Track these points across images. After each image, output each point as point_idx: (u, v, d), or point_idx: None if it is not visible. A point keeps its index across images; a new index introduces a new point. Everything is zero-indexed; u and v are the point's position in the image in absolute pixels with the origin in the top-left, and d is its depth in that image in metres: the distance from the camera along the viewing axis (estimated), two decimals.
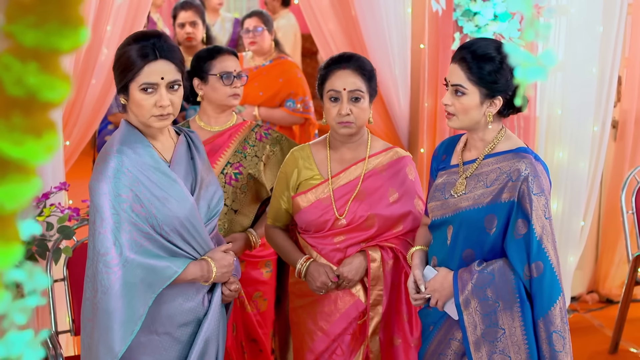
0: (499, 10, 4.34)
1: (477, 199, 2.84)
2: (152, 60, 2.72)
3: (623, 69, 5.27)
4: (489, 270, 2.80)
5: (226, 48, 3.64)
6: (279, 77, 5.32)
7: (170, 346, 2.84)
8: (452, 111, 2.85)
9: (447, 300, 2.90)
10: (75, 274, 3.71)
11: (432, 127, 4.62)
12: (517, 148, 2.86)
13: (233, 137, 3.58)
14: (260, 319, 3.71)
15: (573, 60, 4.85)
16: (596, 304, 5.52)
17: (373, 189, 3.20)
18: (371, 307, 3.19)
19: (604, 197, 5.52)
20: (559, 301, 2.78)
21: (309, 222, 3.22)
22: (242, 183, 3.54)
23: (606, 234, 5.51)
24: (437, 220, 2.96)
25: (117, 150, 2.74)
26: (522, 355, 2.80)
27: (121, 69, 2.75)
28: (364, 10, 4.50)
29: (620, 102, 5.34)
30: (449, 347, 2.95)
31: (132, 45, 2.74)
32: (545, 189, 2.78)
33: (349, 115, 3.11)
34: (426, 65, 4.56)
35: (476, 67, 2.78)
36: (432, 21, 4.52)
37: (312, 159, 3.27)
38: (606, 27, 4.87)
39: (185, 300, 2.84)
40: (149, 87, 2.71)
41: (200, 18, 5.64)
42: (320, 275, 3.15)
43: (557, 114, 4.91)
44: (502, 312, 2.79)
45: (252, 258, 3.65)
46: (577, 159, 4.95)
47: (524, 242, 2.75)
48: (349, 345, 3.23)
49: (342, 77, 3.12)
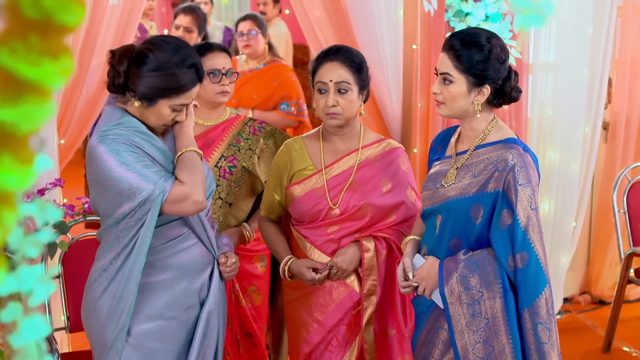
0: (491, 11, 4.38)
1: (464, 188, 2.85)
2: (194, 87, 2.82)
3: (613, 71, 5.33)
4: (473, 259, 2.81)
5: (217, 44, 3.63)
6: (273, 80, 5.35)
7: (178, 331, 2.88)
8: (440, 99, 2.87)
9: (433, 289, 2.91)
10: (70, 271, 3.72)
11: (424, 128, 4.65)
12: (507, 139, 2.87)
13: (227, 130, 3.59)
14: (255, 314, 3.71)
15: (564, 61, 4.91)
16: (589, 305, 5.55)
17: (366, 179, 3.23)
18: (365, 297, 3.21)
19: (595, 198, 5.56)
20: (544, 292, 2.77)
21: (303, 212, 3.24)
22: (237, 176, 3.55)
23: (598, 234, 5.55)
24: (428, 209, 2.98)
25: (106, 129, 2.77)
26: (505, 345, 2.79)
27: (157, 84, 2.75)
28: (356, 12, 4.53)
29: (611, 104, 5.39)
30: (438, 336, 2.96)
31: (173, 64, 2.75)
32: (533, 180, 2.78)
33: (336, 107, 3.14)
34: (419, 66, 4.59)
35: (464, 55, 2.80)
36: (424, 22, 4.56)
37: (306, 150, 3.30)
38: (596, 28, 4.93)
39: (191, 282, 2.89)
40: (180, 108, 2.82)
41: (196, 26, 5.69)
42: (304, 274, 3.18)
43: (548, 115, 4.96)
44: (486, 302, 2.79)
45: (247, 252, 3.66)
46: (569, 160, 4.99)
47: (509, 232, 2.75)
48: (344, 336, 3.24)
49: (330, 69, 3.15)
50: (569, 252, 5.14)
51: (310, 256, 3.23)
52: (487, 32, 2.87)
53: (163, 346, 2.85)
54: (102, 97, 4.11)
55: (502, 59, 2.81)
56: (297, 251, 3.29)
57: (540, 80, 4.92)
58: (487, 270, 2.78)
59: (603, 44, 4.96)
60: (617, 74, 5.35)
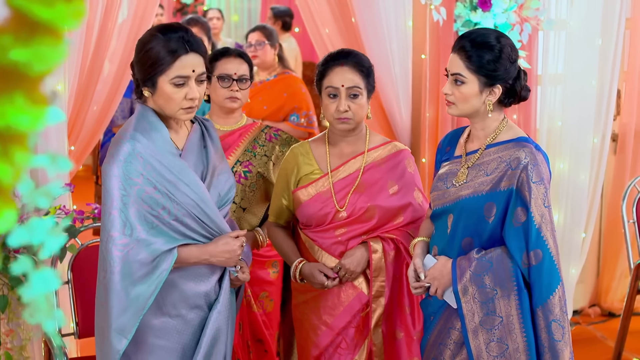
0: (499, 21, 4.40)
1: (477, 187, 2.86)
2: (183, 53, 2.74)
3: (622, 83, 5.33)
4: (487, 257, 2.81)
5: (235, 50, 3.65)
6: (283, 92, 5.38)
7: (183, 329, 2.86)
8: (452, 100, 2.88)
9: (446, 288, 2.91)
10: (80, 277, 3.72)
11: (433, 138, 4.65)
12: (518, 137, 2.88)
13: (243, 136, 3.62)
14: (266, 320, 3.72)
15: (573, 72, 4.91)
16: (598, 317, 5.52)
17: (372, 181, 3.23)
18: (374, 298, 3.20)
19: (604, 210, 5.54)
20: (558, 290, 2.78)
21: (310, 215, 3.25)
22: (252, 181, 3.57)
23: (607, 247, 5.53)
24: (439, 209, 2.98)
25: (131, 135, 2.77)
26: (519, 343, 2.79)
27: (150, 62, 2.74)
28: (365, 22, 4.55)
29: (620, 116, 5.39)
30: (449, 336, 2.95)
31: (160, 39, 2.75)
32: (545, 177, 2.79)
33: (347, 112, 3.15)
34: (427, 76, 4.61)
35: (475, 55, 2.81)
36: (433, 32, 4.58)
37: (312, 154, 3.31)
38: (605, 40, 4.93)
39: (198, 284, 2.87)
40: (181, 81, 2.75)
41: (205, 35, 5.72)
42: (315, 277, 3.18)
43: (557, 126, 4.96)
44: (500, 300, 2.80)
45: (259, 257, 3.67)
46: (578, 171, 4.99)
47: (523, 230, 2.76)
48: (353, 338, 3.23)
49: (340, 73, 3.16)
50: (578, 264, 5.12)
51: (318, 259, 3.24)
52: (497, 32, 2.89)
53: (166, 343, 2.84)
54: (112, 104, 4.13)
55: (512, 58, 2.83)
56: (305, 255, 3.30)
57: (549, 92, 4.92)
58: (501, 268, 2.78)
59: (612, 56, 4.96)
60: (625, 86, 5.35)
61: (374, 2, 4.50)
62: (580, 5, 4.84)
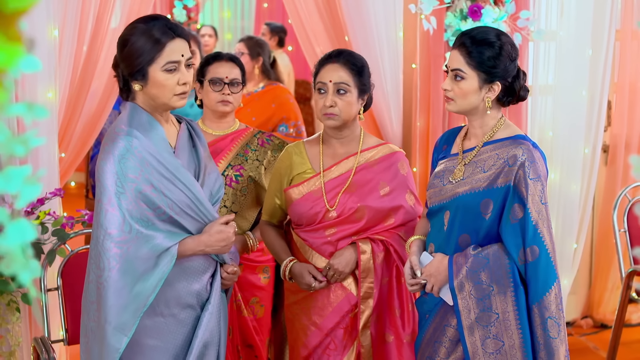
0: None
1: (474, 184, 2.87)
2: (170, 39, 2.74)
3: (612, 94, 5.35)
4: (483, 254, 2.81)
5: (227, 54, 3.68)
6: (272, 103, 5.40)
7: (175, 329, 2.85)
8: (451, 96, 2.90)
9: (442, 285, 2.91)
10: (69, 283, 3.70)
11: (424, 147, 4.66)
12: (516, 135, 2.90)
13: (235, 141, 3.63)
14: (257, 325, 3.70)
15: (563, 83, 4.94)
16: (591, 329, 5.50)
17: (364, 181, 3.24)
18: (362, 299, 3.20)
19: (596, 221, 5.54)
20: (554, 287, 2.79)
21: (301, 214, 3.25)
22: (243, 185, 3.57)
23: (599, 258, 5.52)
24: (435, 206, 2.99)
25: (127, 131, 2.75)
26: (515, 340, 2.80)
27: (137, 54, 2.72)
28: (356, 32, 4.57)
29: (611, 127, 5.40)
30: (444, 334, 2.95)
31: (142, 29, 2.73)
32: (542, 174, 2.81)
33: (333, 107, 3.17)
34: (418, 85, 4.63)
35: (475, 51, 2.84)
36: (423, 41, 4.60)
37: (305, 154, 3.33)
38: (595, 50, 4.96)
39: (191, 282, 2.86)
40: (172, 66, 2.74)
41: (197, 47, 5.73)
42: (304, 277, 3.19)
43: (548, 136, 4.98)
44: (496, 297, 2.80)
45: (250, 262, 3.66)
46: (569, 181, 5.00)
47: (520, 226, 2.77)
48: (341, 340, 3.23)
49: (330, 70, 3.20)
50: (570, 275, 5.12)
51: (309, 259, 3.24)
52: (497, 30, 2.92)
53: (159, 344, 2.82)
54: (103, 112, 4.14)
55: (512, 56, 2.86)
56: (297, 255, 3.31)
57: (540, 102, 4.94)
58: (498, 264, 2.79)
59: (602, 67, 4.98)
60: (616, 97, 5.37)
61: (366, 14, 4.52)
62: (570, 16, 4.88)
